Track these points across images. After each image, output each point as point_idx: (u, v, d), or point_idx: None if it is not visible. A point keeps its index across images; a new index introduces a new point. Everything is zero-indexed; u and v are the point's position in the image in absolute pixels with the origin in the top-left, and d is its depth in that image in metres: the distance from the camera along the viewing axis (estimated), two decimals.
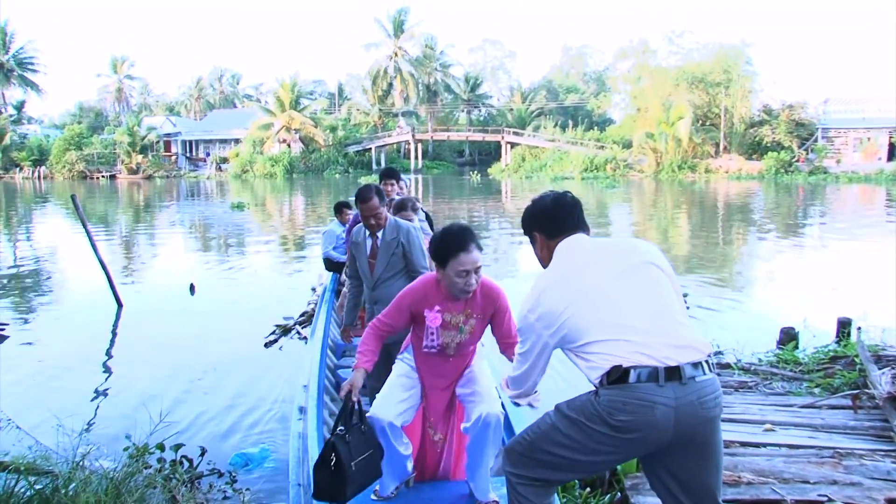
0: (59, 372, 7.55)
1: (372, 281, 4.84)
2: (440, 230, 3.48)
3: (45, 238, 22.04)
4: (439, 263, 3.40)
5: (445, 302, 3.51)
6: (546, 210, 2.96)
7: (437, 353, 3.58)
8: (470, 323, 3.54)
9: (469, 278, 3.37)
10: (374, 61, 71.91)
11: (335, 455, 3.27)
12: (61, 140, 64.36)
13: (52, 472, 3.98)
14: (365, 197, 4.77)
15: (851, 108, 49.84)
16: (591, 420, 2.56)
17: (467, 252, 3.34)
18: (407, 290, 3.63)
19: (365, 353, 3.54)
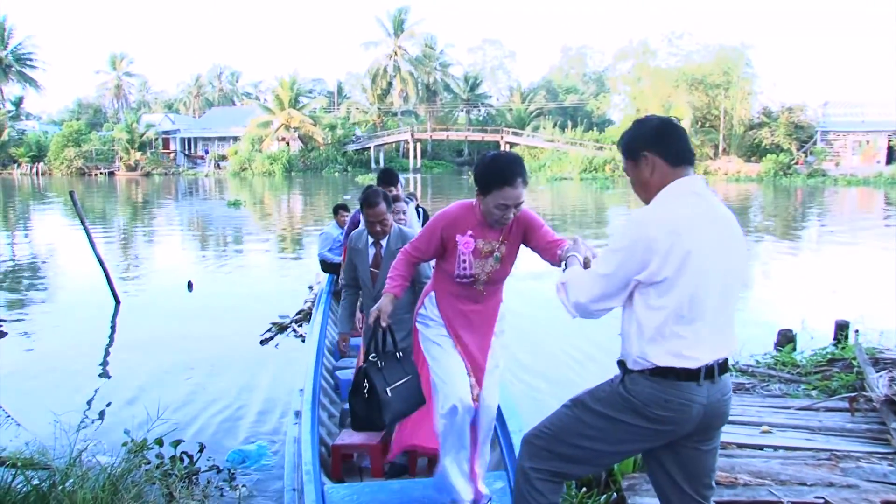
0: (56, 368, 7.54)
1: (374, 292, 4.52)
2: (491, 154, 3.31)
3: (43, 235, 22.02)
4: (481, 190, 3.24)
5: (479, 228, 3.34)
6: (670, 128, 2.61)
7: (467, 288, 3.40)
8: (501, 249, 3.37)
9: (508, 212, 3.21)
10: (373, 60, 71.97)
11: (368, 382, 3.28)
12: (60, 136, 64.27)
13: (50, 467, 3.98)
14: (372, 202, 4.50)
15: (851, 110, 49.90)
16: (622, 412, 2.52)
17: (513, 187, 3.15)
18: (440, 213, 3.46)
19: (395, 279, 3.48)
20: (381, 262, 4.57)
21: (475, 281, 3.39)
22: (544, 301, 10.86)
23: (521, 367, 7.23)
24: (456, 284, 3.42)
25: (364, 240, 4.66)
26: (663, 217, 2.41)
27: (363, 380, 3.30)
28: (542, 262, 3.42)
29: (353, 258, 4.69)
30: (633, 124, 2.66)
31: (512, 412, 4.13)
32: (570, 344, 8.25)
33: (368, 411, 3.29)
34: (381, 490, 3.62)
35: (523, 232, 3.38)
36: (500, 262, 3.38)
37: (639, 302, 2.47)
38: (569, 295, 2.63)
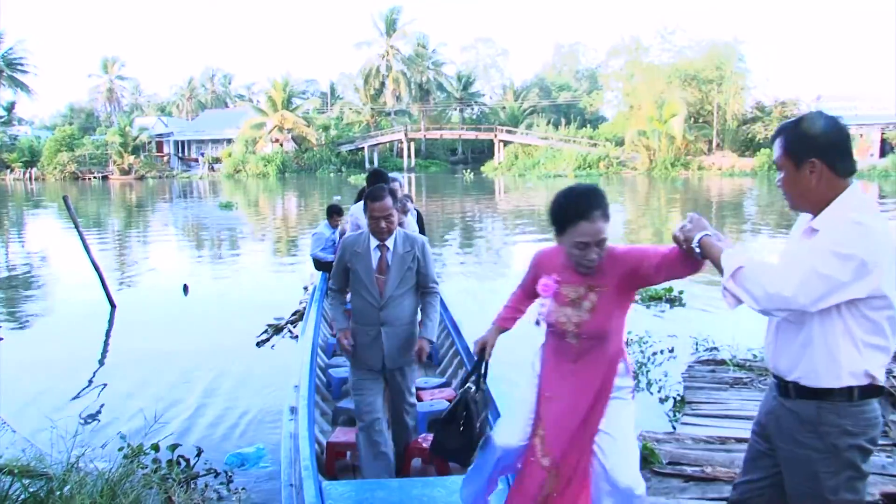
0: (52, 374, 7.51)
1: (381, 300, 4.10)
2: (563, 190, 2.96)
3: (37, 240, 21.96)
4: (557, 230, 2.92)
5: (565, 271, 3.00)
6: (842, 135, 2.38)
7: (560, 340, 3.00)
8: (591, 298, 2.92)
9: (588, 252, 2.84)
10: (366, 60, 71.95)
11: (466, 412, 3.12)
12: (52, 141, 64.05)
13: (47, 474, 3.96)
14: (377, 195, 4.07)
15: (844, 104, 49.93)
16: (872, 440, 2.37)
17: (590, 221, 2.80)
18: (536, 252, 3.21)
19: (508, 311, 3.33)
20: (388, 267, 4.14)
21: (564, 332, 2.98)
22: None
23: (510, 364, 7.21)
24: (552, 336, 3.08)
25: (365, 243, 4.17)
26: (885, 229, 2.24)
27: (463, 409, 3.13)
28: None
29: (350, 263, 4.17)
30: (799, 122, 2.44)
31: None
32: None
33: (459, 442, 3.15)
34: (380, 487, 3.61)
35: (625, 274, 2.90)
36: (590, 314, 2.92)
37: (847, 315, 2.28)
38: (759, 283, 2.31)
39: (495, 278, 13.05)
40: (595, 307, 2.91)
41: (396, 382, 4.26)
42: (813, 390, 2.33)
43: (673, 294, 10.02)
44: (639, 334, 7.87)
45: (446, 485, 3.58)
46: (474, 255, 16.44)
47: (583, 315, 2.92)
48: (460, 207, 29.32)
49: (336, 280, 4.32)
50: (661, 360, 7.29)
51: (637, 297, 10.12)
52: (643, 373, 6.95)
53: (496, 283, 12.44)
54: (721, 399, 5.70)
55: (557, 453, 2.96)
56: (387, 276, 4.12)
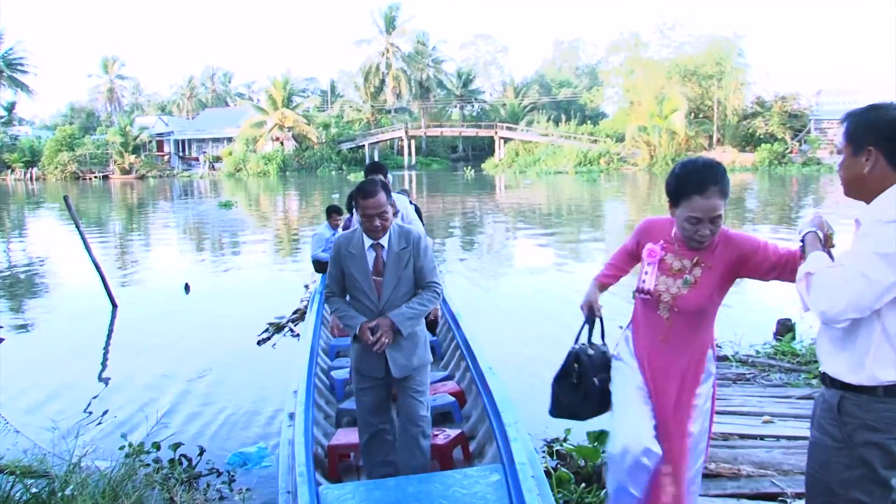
0: (54, 373, 7.51)
1: (380, 304, 3.83)
2: (682, 161, 2.89)
3: (38, 240, 21.96)
4: (671, 202, 2.83)
5: (673, 241, 2.92)
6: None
7: (651, 311, 2.95)
8: (695, 273, 2.84)
9: (700, 227, 2.75)
10: (365, 58, 71.91)
11: (578, 365, 3.08)
12: (53, 141, 64.07)
13: (49, 474, 3.96)
14: (368, 191, 3.74)
15: (844, 98, 49.84)
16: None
17: (705, 197, 2.70)
18: (647, 218, 3.13)
19: (609, 268, 3.28)
20: (385, 268, 3.85)
21: (658, 302, 2.92)
22: (537, 292, 10.87)
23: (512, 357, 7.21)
24: (641, 310, 3.05)
25: (359, 243, 3.87)
26: None
27: (574, 362, 3.11)
28: (541, 256, 3.34)
29: (344, 266, 3.88)
30: (868, 109, 2.35)
31: (506, 405, 4.11)
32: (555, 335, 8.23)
33: (573, 398, 3.11)
34: (377, 488, 3.59)
35: (735, 260, 2.83)
36: (690, 288, 2.85)
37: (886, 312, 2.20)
38: (820, 296, 2.22)
39: (498, 276, 13.05)
40: (696, 283, 2.85)
41: (407, 395, 3.92)
42: (840, 382, 2.30)
43: None
44: None
45: (443, 480, 3.57)
46: (475, 251, 16.43)
47: (682, 288, 2.87)
48: (461, 204, 29.30)
49: (333, 285, 3.97)
50: None
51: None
52: None
53: (499, 281, 12.45)
54: (724, 395, 5.68)
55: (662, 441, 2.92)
56: (383, 277, 3.84)
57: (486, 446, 4.43)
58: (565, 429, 4.96)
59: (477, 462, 4.35)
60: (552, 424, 5.30)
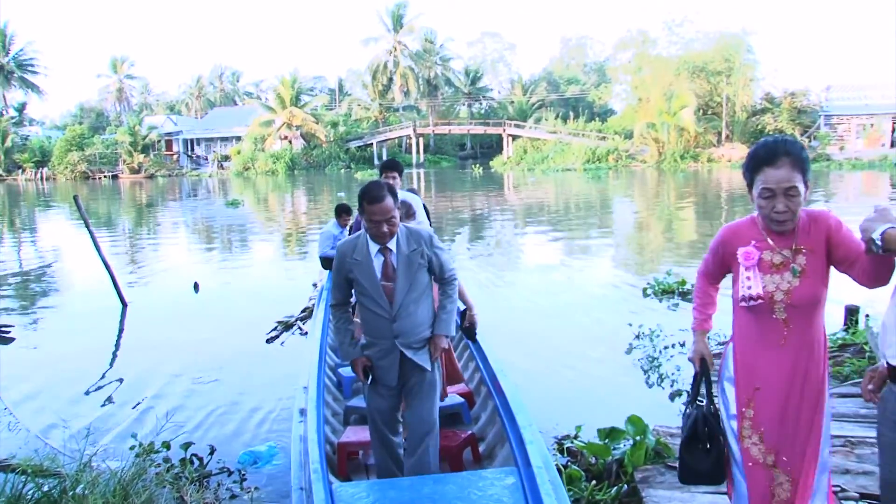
0: (65, 373, 7.54)
1: (393, 310, 3.65)
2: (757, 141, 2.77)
3: (48, 239, 22.04)
4: (748, 183, 2.70)
5: (763, 238, 2.71)
6: None
7: (763, 320, 2.70)
8: (799, 261, 2.63)
9: (775, 202, 2.56)
10: (373, 56, 72.03)
11: (707, 428, 2.87)
12: (63, 141, 64.38)
13: (60, 473, 3.97)
14: (376, 195, 3.52)
15: (854, 94, 49.70)
16: None
17: (775, 167, 2.55)
18: (724, 226, 2.90)
19: (700, 310, 3.09)
20: (395, 273, 3.66)
21: (772, 306, 2.67)
22: (546, 290, 10.86)
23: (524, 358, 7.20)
24: (751, 320, 2.75)
25: (364, 249, 3.66)
26: None
27: (704, 426, 2.88)
28: (548, 253, 3.31)
29: (350, 273, 3.69)
30: None
31: (519, 407, 4.09)
32: (566, 332, 8.23)
33: (706, 463, 2.89)
34: (392, 487, 3.57)
35: (826, 238, 2.63)
36: (799, 277, 2.63)
37: None
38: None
39: (507, 269, 13.03)
40: (805, 270, 2.63)
41: (417, 397, 3.81)
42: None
43: (685, 287, 9.96)
44: (651, 328, 7.83)
45: (458, 481, 3.56)
46: (483, 249, 16.41)
47: (793, 280, 2.64)
48: (470, 202, 29.28)
49: (336, 292, 3.81)
50: (672, 354, 7.26)
51: (650, 291, 10.10)
52: (654, 367, 6.92)
53: (508, 276, 12.43)
54: None
55: (782, 450, 2.74)
56: (394, 283, 3.65)
57: (496, 448, 4.41)
58: (576, 426, 4.96)
59: (487, 464, 4.33)
60: (561, 421, 5.31)
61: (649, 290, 10.15)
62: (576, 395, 6.46)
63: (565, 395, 6.41)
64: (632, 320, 8.23)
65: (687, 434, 2.93)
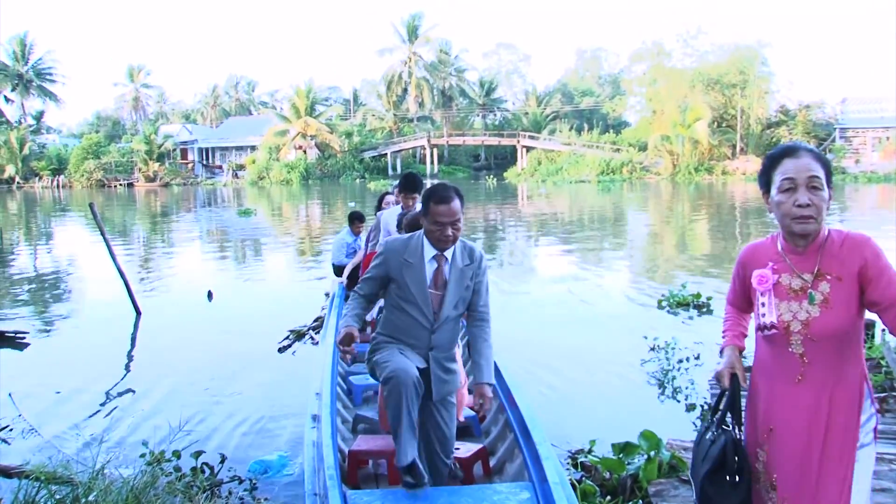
0: (78, 380, 7.55)
1: (436, 322, 3.52)
2: None
3: (64, 247, 22.18)
4: (764, 187, 2.42)
5: (782, 259, 2.41)
6: None
7: (779, 352, 2.41)
8: (821, 288, 2.31)
9: (798, 195, 2.27)
10: (388, 67, 72.32)
11: (738, 456, 2.45)
12: (79, 149, 64.99)
13: (73, 480, 3.97)
14: (444, 196, 3.40)
15: (869, 107, 49.48)
16: None
17: (795, 157, 2.31)
18: (743, 248, 2.62)
19: (732, 327, 2.68)
20: (446, 282, 3.51)
21: (788, 338, 2.37)
22: (559, 301, 10.83)
23: (537, 370, 7.17)
24: (768, 351, 2.48)
25: (418, 252, 3.50)
26: None
27: (733, 455, 2.44)
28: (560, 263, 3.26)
29: (397, 274, 3.52)
30: None
31: (534, 422, 4.06)
32: (580, 345, 8.20)
33: (733, 498, 2.46)
34: (406, 498, 3.55)
35: (860, 270, 2.28)
36: (821, 307, 2.31)
37: None
38: None
39: (519, 282, 13.00)
40: (828, 299, 2.30)
41: (435, 412, 3.67)
42: None
43: (701, 300, 9.92)
44: (666, 340, 7.79)
45: (473, 494, 3.54)
46: (496, 259, 16.39)
47: (812, 310, 2.32)
48: (483, 213, 29.29)
49: (368, 285, 3.61)
50: (687, 367, 7.21)
51: (665, 303, 10.05)
52: (669, 380, 6.88)
53: (521, 288, 12.41)
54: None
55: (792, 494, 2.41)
56: (444, 293, 3.50)
57: (507, 463, 4.38)
58: (590, 440, 4.92)
59: (497, 478, 4.30)
60: (575, 434, 5.27)
61: (664, 302, 10.10)
62: (589, 408, 6.43)
63: (579, 408, 6.38)
64: (646, 333, 8.18)
65: (713, 462, 2.47)
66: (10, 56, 69.78)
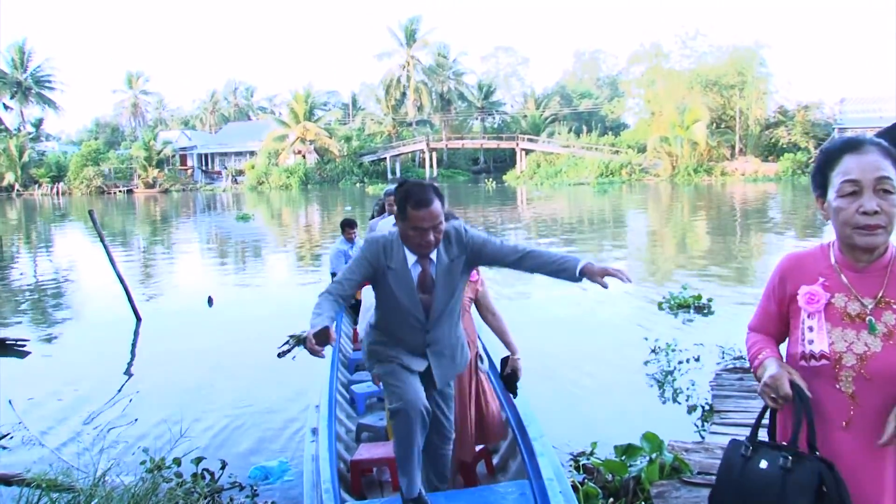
0: (79, 387, 7.55)
1: (429, 322, 3.29)
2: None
3: (64, 253, 22.20)
4: (819, 188, 2.01)
5: (836, 274, 1.97)
6: None
7: (826, 388, 1.95)
8: (886, 318, 1.89)
9: (864, 200, 1.85)
10: (386, 71, 72.31)
11: (825, 487, 1.87)
12: (79, 156, 65.02)
13: (74, 487, 3.97)
14: (422, 198, 3.04)
15: (868, 107, 49.48)
16: None
17: (859, 152, 1.89)
18: (787, 255, 2.15)
19: (763, 344, 2.12)
20: (433, 284, 3.24)
21: (837, 373, 1.92)
22: (560, 303, 10.82)
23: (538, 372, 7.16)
24: (810, 378, 1.97)
25: (401, 257, 3.20)
26: None
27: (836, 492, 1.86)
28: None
29: (382, 278, 3.23)
30: None
31: (531, 419, 4.06)
32: (581, 347, 8.19)
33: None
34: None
35: None
36: (882, 340, 1.88)
37: None
38: None
39: (518, 283, 12.99)
40: (893, 333, 1.88)
41: (434, 402, 3.48)
42: None
43: (701, 302, 9.91)
44: (667, 342, 7.78)
45: (470, 497, 3.53)
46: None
47: (872, 342, 1.88)
48: (483, 216, 29.29)
49: (345, 286, 3.20)
50: (688, 369, 7.21)
51: (665, 305, 10.05)
52: (670, 382, 6.87)
53: (522, 301, 12.40)
54: (750, 407, 5.61)
55: None
56: (433, 295, 3.24)
57: (509, 461, 4.39)
58: (591, 442, 4.92)
59: (500, 476, 4.30)
60: (577, 436, 5.27)
61: (664, 304, 10.10)
62: (591, 409, 6.42)
63: (580, 410, 6.37)
64: (647, 335, 8.18)
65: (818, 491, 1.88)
66: (9, 64, 69.80)
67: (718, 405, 5.81)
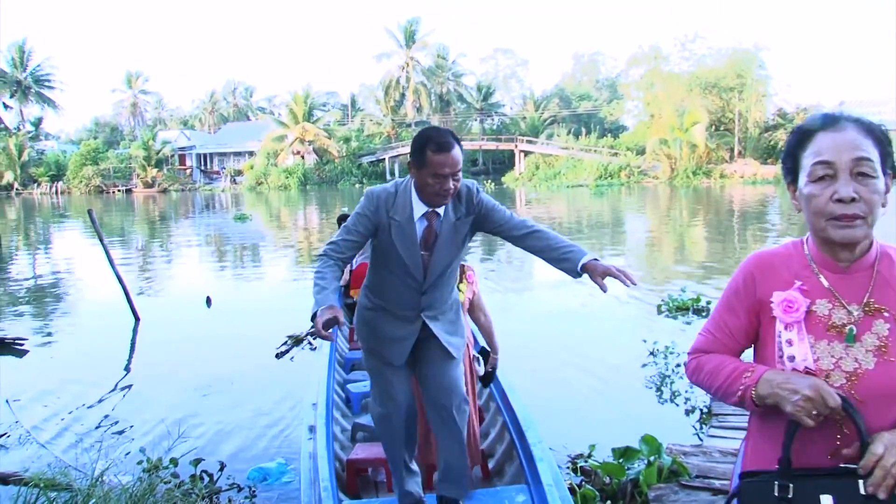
0: (77, 386, 7.54)
1: (426, 284, 3.09)
2: None
3: (62, 253, 22.18)
4: (790, 170, 1.72)
5: (813, 276, 1.67)
6: None
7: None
8: (877, 328, 1.60)
9: (836, 186, 1.57)
10: (386, 72, 72.36)
11: None
12: (78, 155, 65.07)
13: (72, 487, 3.96)
14: (445, 143, 2.87)
15: (868, 110, 49.38)
16: None
17: (836, 129, 1.61)
18: (752, 255, 1.81)
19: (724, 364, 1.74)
20: (436, 241, 3.05)
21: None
22: (558, 306, 10.81)
23: (536, 375, 7.16)
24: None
25: (407, 210, 2.99)
26: None
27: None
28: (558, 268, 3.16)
29: (385, 232, 3.02)
30: None
31: (529, 423, 4.06)
32: (579, 349, 8.19)
33: None
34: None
35: None
36: (873, 355, 1.58)
37: None
38: None
39: (516, 285, 13.00)
40: (886, 347, 1.58)
41: (436, 367, 3.23)
42: None
43: (700, 304, 9.91)
44: (665, 345, 7.78)
45: (478, 497, 3.53)
46: (494, 264, 16.39)
47: (862, 358, 1.59)
48: None
49: (343, 246, 3.04)
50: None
51: (664, 308, 10.04)
52: (668, 385, 6.87)
53: (524, 298, 12.40)
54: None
55: None
56: (433, 252, 3.05)
57: (506, 465, 4.38)
58: (589, 444, 4.92)
59: (496, 481, 4.30)
60: (575, 439, 5.26)
61: (663, 307, 10.09)
62: (589, 412, 6.42)
63: (578, 413, 6.37)
64: (645, 337, 8.18)
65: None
66: (9, 63, 69.86)
67: (717, 408, 5.80)
